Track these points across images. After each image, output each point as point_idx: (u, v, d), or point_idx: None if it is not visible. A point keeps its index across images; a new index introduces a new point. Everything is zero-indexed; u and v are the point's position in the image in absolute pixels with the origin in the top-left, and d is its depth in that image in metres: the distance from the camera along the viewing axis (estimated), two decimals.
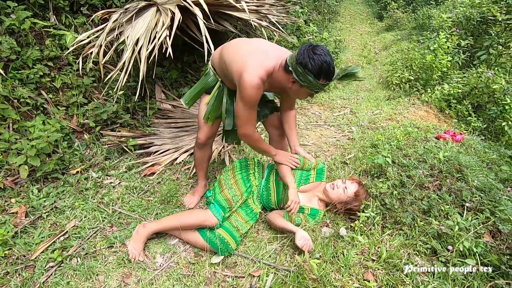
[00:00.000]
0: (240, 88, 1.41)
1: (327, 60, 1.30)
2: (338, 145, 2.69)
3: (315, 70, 1.30)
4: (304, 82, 1.34)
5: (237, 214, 1.66)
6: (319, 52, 1.30)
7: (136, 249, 1.54)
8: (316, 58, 1.29)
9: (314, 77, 1.31)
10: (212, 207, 1.61)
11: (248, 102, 1.42)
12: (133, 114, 2.82)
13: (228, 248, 1.53)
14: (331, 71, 1.33)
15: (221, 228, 1.57)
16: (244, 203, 1.71)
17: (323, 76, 1.33)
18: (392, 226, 1.61)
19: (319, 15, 6.24)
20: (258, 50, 1.46)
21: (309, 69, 1.30)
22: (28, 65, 2.38)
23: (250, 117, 1.49)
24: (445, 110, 3.54)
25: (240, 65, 1.41)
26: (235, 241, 1.55)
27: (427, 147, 2.10)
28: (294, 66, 1.33)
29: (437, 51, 3.81)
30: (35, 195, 1.95)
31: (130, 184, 2.11)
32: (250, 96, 1.39)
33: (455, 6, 5.56)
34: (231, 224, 1.59)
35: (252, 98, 1.40)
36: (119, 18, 2.48)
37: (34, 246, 1.60)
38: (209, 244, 1.54)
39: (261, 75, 1.37)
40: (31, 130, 2.08)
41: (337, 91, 4.24)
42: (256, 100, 1.43)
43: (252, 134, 1.55)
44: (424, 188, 1.72)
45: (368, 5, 10.07)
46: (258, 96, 1.42)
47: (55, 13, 2.61)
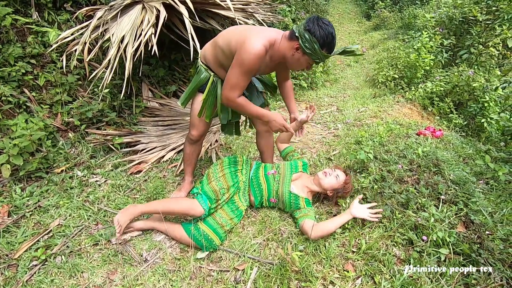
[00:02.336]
0: (239, 53, 1.39)
1: (332, 32, 1.38)
2: (324, 142, 2.74)
3: (322, 38, 1.36)
4: (309, 50, 1.39)
5: (222, 210, 1.68)
6: (326, 22, 1.38)
7: (122, 220, 1.55)
8: (324, 27, 1.36)
9: (319, 45, 1.37)
10: (200, 197, 1.62)
11: (244, 68, 1.40)
12: (120, 112, 2.80)
13: (212, 244, 1.55)
14: (333, 44, 1.41)
15: (204, 225, 1.58)
16: (230, 199, 1.73)
17: (327, 47, 1.39)
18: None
19: (308, 14, 6.29)
20: (257, 28, 1.52)
21: (316, 36, 1.36)
22: (10, 63, 2.34)
23: (239, 84, 1.47)
24: (428, 107, 3.64)
25: (241, 38, 1.42)
26: (219, 238, 1.58)
27: (407, 143, 2.17)
28: (301, 32, 1.38)
29: (421, 50, 3.92)
30: (18, 194, 1.93)
31: (116, 182, 2.10)
32: (249, 62, 1.38)
33: (439, 7, 5.71)
34: (215, 221, 1.62)
35: (250, 65, 1.39)
36: (104, 15, 2.46)
37: (17, 245, 1.59)
38: (193, 241, 1.56)
39: (264, 43, 1.39)
40: (13, 129, 2.05)
41: (324, 89, 4.30)
42: (252, 68, 1.41)
43: (234, 99, 1.51)
44: (403, 182, 1.79)
45: (356, 4, 10.20)
46: (256, 65, 1.41)
47: (37, 9, 2.57)
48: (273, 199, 1.77)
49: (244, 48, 1.38)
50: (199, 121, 1.79)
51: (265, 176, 1.80)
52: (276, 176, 1.78)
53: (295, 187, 1.77)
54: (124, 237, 1.64)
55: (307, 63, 1.48)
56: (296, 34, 1.39)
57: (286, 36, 1.45)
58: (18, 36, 2.44)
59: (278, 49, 1.47)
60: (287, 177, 1.77)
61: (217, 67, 1.64)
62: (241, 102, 1.54)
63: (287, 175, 1.78)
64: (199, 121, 1.80)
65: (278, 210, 1.84)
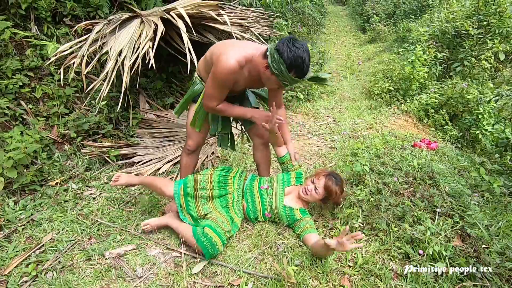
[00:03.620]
0: (214, 66, 1.45)
1: (303, 56, 1.33)
2: (321, 153, 2.75)
3: (289, 60, 1.32)
4: (276, 70, 1.36)
5: (223, 216, 1.66)
6: (298, 45, 1.33)
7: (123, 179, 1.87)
8: (294, 50, 1.32)
9: (286, 67, 1.34)
10: (177, 181, 1.75)
11: (217, 81, 1.46)
12: (116, 124, 2.80)
13: (215, 248, 1.53)
14: (304, 68, 1.35)
15: (209, 229, 1.56)
16: (225, 209, 1.72)
17: (295, 70, 1.35)
18: (368, 232, 1.66)
19: (304, 27, 6.42)
20: (241, 43, 1.56)
21: (283, 58, 1.33)
22: (7, 75, 2.35)
23: (214, 95, 1.54)
24: (424, 119, 3.68)
25: (219, 52, 1.47)
26: (222, 243, 1.56)
27: (403, 155, 2.18)
28: (272, 51, 1.37)
29: (415, 63, 3.99)
30: (10, 207, 1.90)
31: (111, 195, 2.09)
32: (221, 76, 1.43)
33: (432, 21, 5.85)
34: (219, 226, 1.59)
35: (222, 79, 1.44)
36: (102, 29, 2.49)
37: (7, 261, 1.56)
38: (196, 242, 1.54)
39: (238, 58, 1.42)
40: (8, 141, 2.04)
41: (321, 101, 4.34)
42: (225, 82, 1.46)
43: (214, 107, 1.60)
44: (399, 194, 1.79)
45: (352, 18, 10.43)
46: (229, 79, 1.45)
47: (36, 23, 2.61)
48: (268, 213, 1.76)
49: (218, 62, 1.42)
50: (194, 131, 1.82)
51: (259, 189, 1.80)
52: (269, 191, 1.78)
53: (289, 200, 1.76)
54: (118, 251, 1.61)
55: (276, 83, 1.45)
56: (267, 53, 1.38)
57: (261, 53, 1.44)
58: (16, 49, 2.46)
59: (254, 64, 1.47)
60: (280, 191, 1.77)
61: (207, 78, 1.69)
62: (221, 108, 1.62)
63: (280, 190, 1.78)
64: (195, 132, 1.82)
65: (274, 224, 1.83)
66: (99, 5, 2.80)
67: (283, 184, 1.81)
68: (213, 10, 2.51)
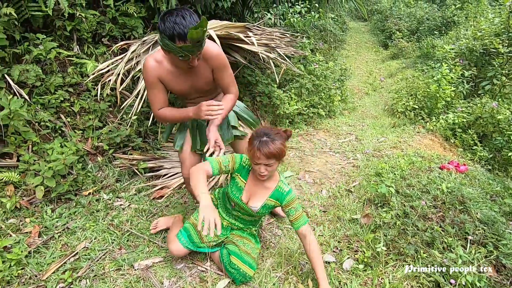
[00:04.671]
0: None
1: (177, 20, 1.28)
2: (343, 172, 2.73)
3: (167, 32, 1.29)
4: (165, 47, 1.34)
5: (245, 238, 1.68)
6: (171, 14, 1.30)
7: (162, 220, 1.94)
8: (167, 20, 1.28)
9: (168, 39, 1.30)
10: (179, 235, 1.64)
11: (146, 83, 1.52)
12: (145, 137, 2.93)
13: (246, 277, 1.54)
14: (183, 31, 1.29)
15: (234, 257, 1.56)
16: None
17: (177, 38, 1.30)
18: (395, 257, 1.62)
19: (325, 44, 6.49)
20: None
21: (163, 33, 1.30)
22: (50, 91, 2.55)
23: (151, 99, 1.56)
24: (451, 139, 3.58)
25: None
26: (251, 268, 1.56)
27: (430, 178, 2.13)
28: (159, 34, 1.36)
29: (441, 81, 3.92)
30: (48, 215, 2.03)
31: (139, 206, 2.17)
32: (145, 77, 1.50)
33: (458, 38, 5.74)
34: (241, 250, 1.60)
35: (146, 79, 1.50)
36: (137, 49, 2.67)
37: (45, 266, 1.65)
38: (224, 269, 1.58)
39: (154, 55, 1.48)
40: (49, 152, 2.19)
41: (343, 118, 4.33)
42: (149, 81, 1.50)
43: (156, 112, 1.58)
44: (427, 219, 1.74)
45: (374, 34, 10.41)
46: (150, 77, 1.48)
47: (78, 43, 2.83)
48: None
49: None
50: (183, 157, 1.74)
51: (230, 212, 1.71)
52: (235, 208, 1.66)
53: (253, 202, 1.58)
54: (146, 263, 1.67)
55: (177, 59, 1.38)
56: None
57: None
58: (60, 67, 2.67)
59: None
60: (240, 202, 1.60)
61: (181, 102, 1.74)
62: (162, 112, 1.57)
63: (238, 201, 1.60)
64: (184, 158, 1.74)
65: (297, 242, 1.83)
66: (134, 26, 3.00)
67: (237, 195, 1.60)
68: (241, 31, 2.63)
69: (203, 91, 1.64)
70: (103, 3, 2.87)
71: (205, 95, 1.68)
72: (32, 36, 2.49)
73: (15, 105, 2.05)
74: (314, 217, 2.08)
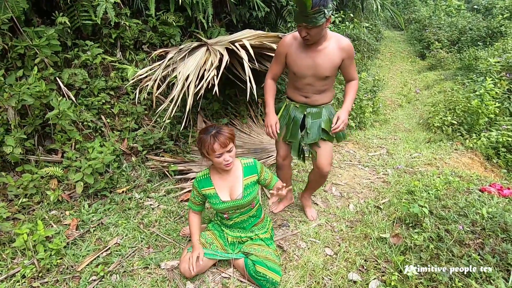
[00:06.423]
0: None
1: None
2: (372, 187, 2.64)
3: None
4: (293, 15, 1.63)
5: (261, 246, 1.69)
6: None
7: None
8: None
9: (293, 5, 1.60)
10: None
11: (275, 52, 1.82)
12: (176, 140, 3.05)
13: (274, 283, 1.56)
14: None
15: (259, 265, 1.58)
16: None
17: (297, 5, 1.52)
18: (427, 283, 1.53)
19: (358, 53, 6.36)
20: None
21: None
22: (94, 93, 2.74)
23: (271, 66, 1.87)
24: (493, 158, 3.33)
25: None
26: (278, 274, 1.58)
27: (469, 200, 1.99)
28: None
29: (484, 96, 3.67)
30: (85, 210, 2.17)
31: (168, 208, 2.26)
32: (277, 46, 1.80)
33: (505, 50, 5.37)
34: (265, 258, 1.61)
35: (277, 48, 1.81)
36: (174, 56, 2.79)
37: (81, 258, 1.77)
38: (254, 280, 1.60)
39: (294, 33, 1.74)
40: (89, 151, 2.36)
41: (373, 130, 4.20)
42: (277, 50, 1.81)
43: (266, 79, 1.89)
44: (464, 245, 1.63)
45: (410, 43, 10.02)
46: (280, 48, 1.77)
47: (121, 50, 3.02)
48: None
49: None
50: (278, 146, 2.00)
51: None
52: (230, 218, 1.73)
53: (228, 193, 1.66)
54: (172, 264, 1.73)
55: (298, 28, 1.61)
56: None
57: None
58: (103, 71, 2.87)
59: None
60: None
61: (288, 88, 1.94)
62: (266, 84, 1.88)
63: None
64: (279, 146, 1.99)
65: (323, 258, 1.79)
66: (172, 34, 3.15)
67: (218, 201, 1.66)
68: (274, 41, 2.66)
69: (320, 76, 1.75)
70: (145, 13, 3.05)
71: (318, 82, 1.79)
72: (81, 43, 2.71)
73: (63, 106, 2.23)
74: (340, 232, 2.03)
